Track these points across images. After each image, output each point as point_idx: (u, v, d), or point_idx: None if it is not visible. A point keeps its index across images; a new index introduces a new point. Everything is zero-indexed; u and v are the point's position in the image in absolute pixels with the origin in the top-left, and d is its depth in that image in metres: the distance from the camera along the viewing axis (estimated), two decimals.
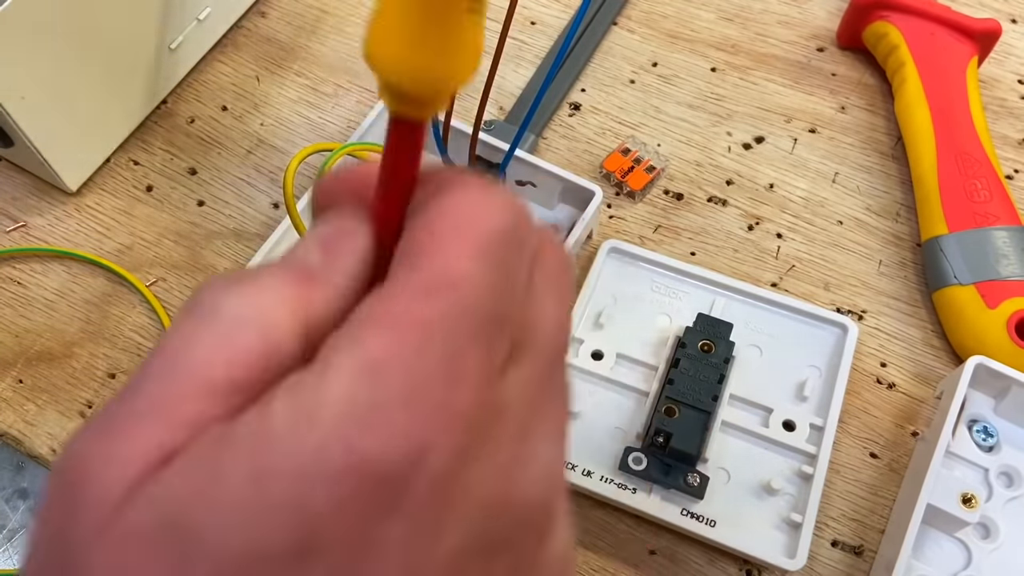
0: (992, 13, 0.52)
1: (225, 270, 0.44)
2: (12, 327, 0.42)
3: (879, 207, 0.45)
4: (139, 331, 0.42)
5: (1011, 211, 0.42)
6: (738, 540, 0.35)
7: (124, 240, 0.45)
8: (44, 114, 0.42)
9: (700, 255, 0.44)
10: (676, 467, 0.36)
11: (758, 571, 0.36)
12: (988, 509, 0.36)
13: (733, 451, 0.37)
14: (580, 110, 0.49)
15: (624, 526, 0.37)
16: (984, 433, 0.37)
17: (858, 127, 0.48)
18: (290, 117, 0.48)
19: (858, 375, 0.41)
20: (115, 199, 0.46)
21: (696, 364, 0.37)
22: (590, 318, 0.41)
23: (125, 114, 0.47)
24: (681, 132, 0.48)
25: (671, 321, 0.41)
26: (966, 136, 0.43)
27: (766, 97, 0.49)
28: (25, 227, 0.45)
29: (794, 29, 0.52)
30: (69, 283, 0.44)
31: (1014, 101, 0.49)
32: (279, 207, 0.45)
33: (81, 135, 0.45)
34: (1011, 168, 0.47)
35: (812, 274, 0.43)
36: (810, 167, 0.47)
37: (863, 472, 0.38)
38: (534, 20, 0.52)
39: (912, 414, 0.40)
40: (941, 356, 0.41)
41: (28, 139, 0.42)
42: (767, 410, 0.38)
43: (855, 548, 0.37)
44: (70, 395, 0.41)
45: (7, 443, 0.40)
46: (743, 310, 0.41)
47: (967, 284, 0.40)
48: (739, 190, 0.46)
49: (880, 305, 0.43)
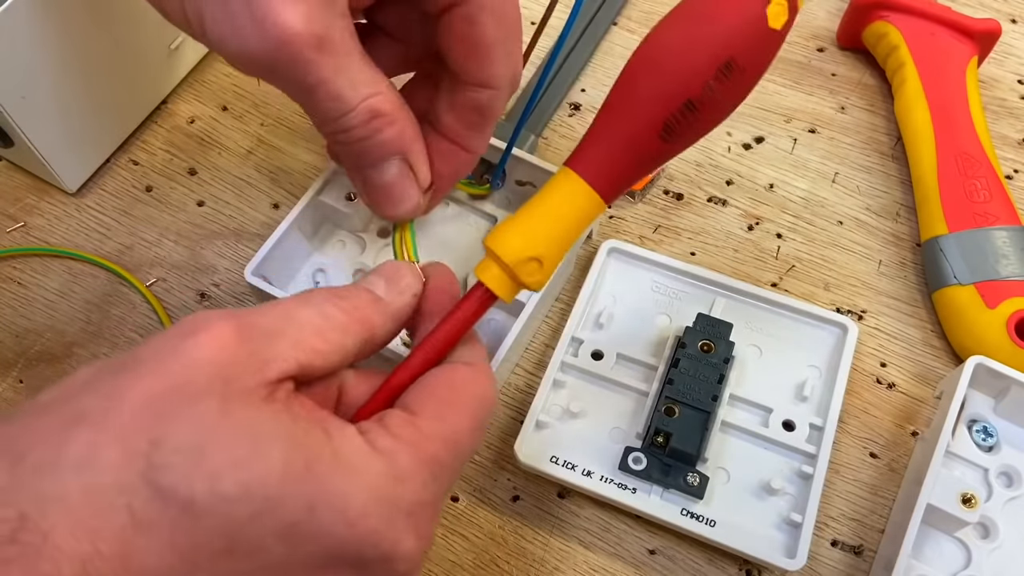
0: (992, 13, 0.52)
1: (225, 270, 0.44)
2: (12, 327, 0.42)
3: (879, 207, 0.45)
4: (139, 331, 0.42)
5: (1011, 211, 0.42)
6: (738, 540, 0.35)
7: (124, 240, 0.45)
8: (44, 114, 0.42)
9: (700, 255, 0.44)
10: (676, 467, 0.36)
11: (758, 571, 0.37)
12: (988, 509, 0.36)
13: (733, 451, 0.37)
14: (580, 110, 0.49)
15: (624, 526, 0.37)
16: (984, 433, 0.37)
17: (858, 127, 0.48)
18: (290, 117, 0.48)
19: (858, 375, 0.41)
20: (115, 199, 0.46)
21: (696, 364, 0.37)
22: (590, 318, 0.41)
23: (125, 114, 0.47)
24: None
25: (671, 321, 0.41)
26: (966, 136, 0.43)
27: (766, 97, 0.49)
28: (25, 227, 0.45)
29: (794, 29, 0.52)
30: (69, 283, 0.44)
31: (1014, 101, 0.49)
32: (279, 207, 0.45)
33: (81, 135, 0.45)
34: (1011, 168, 0.47)
35: (812, 274, 0.43)
36: (810, 167, 0.47)
37: (863, 472, 0.39)
38: (534, 20, 0.52)
39: (912, 414, 0.40)
40: (941, 356, 0.41)
41: (28, 139, 0.42)
42: (767, 410, 0.38)
43: (855, 548, 0.37)
44: None
45: None
46: (743, 310, 0.41)
47: (967, 284, 0.40)
48: (739, 190, 0.46)
49: (880, 305, 0.43)
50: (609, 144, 0.27)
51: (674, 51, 0.27)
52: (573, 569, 0.36)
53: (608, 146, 0.27)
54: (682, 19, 0.27)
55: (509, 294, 0.28)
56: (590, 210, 0.28)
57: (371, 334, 0.26)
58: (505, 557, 0.37)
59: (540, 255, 0.27)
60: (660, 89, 0.26)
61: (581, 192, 0.27)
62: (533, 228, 0.27)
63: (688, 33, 0.27)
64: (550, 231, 0.27)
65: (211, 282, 0.43)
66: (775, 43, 0.27)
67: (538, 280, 0.28)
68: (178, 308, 0.43)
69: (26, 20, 0.38)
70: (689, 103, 0.26)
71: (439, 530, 0.37)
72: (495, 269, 0.27)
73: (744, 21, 0.26)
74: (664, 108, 0.26)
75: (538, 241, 0.27)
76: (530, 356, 0.41)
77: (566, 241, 0.28)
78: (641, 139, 0.27)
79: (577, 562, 0.37)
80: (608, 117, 0.28)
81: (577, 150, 0.28)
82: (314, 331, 0.25)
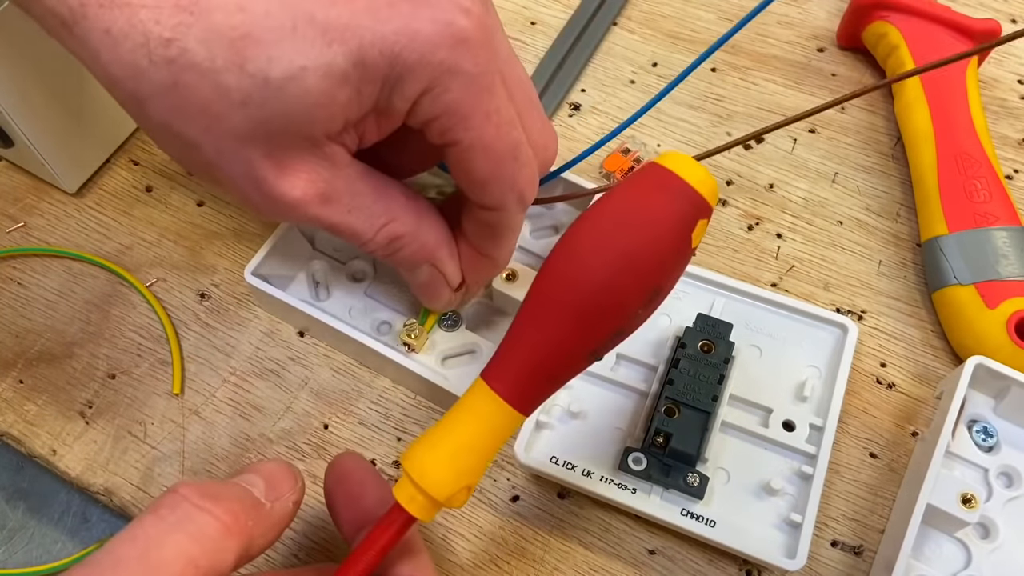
0: (992, 13, 0.52)
1: (225, 270, 0.44)
2: (12, 327, 0.42)
3: (879, 207, 0.45)
4: (139, 331, 0.42)
5: (1011, 211, 0.42)
6: (738, 540, 0.35)
7: (124, 240, 0.45)
8: (44, 114, 0.42)
9: (700, 255, 0.44)
10: (676, 467, 0.36)
11: (758, 571, 0.37)
12: (988, 509, 0.36)
13: (733, 451, 0.37)
14: (580, 110, 0.49)
15: (624, 526, 0.37)
16: (984, 433, 0.37)
17: (858, 127, 0.48)
18: None
19: (858, 375, 0.41)
20: (115, 199, 0.46)
21: (696, 364, 0.37)
22: None
23: (125, 114, 0.47)
24: (681, 132, 0.48)
25: (671, 321, 0.41)
26: (966, 136, 0.43)
27: (766, 97, 0.49)
28: (25, 227, 0.45)
29: (794, 29, 0.52)
30: (69, 283, 0.44)
31: (1014, 101, 0.49)
32: None
33: (81, 135, 0.45)
34: (1011, 168, 0.47)
35: (812, 274, 0.43)
36: (810, 167, 0.47)
37: (863, 472, 0.39)
38: (534, 20, 0.52)
39: (912, 414, 0.40)
40: (941, 356, 0.41)
41: (28, 139, 0.42)
42: (767, 410, 0.38)
43: (855, 548, 0.37)
44: (70, 395, 0.41)
45: (7, 443, 0.40)
46: (743, 310, 0.41)
47: (967, 284, 0.40)
48: (739, 190, 0.46)
49: (880, 305, 0.43)
50: (532, 364, 0.27)
51: (606, 288, 0.26)
52: (573, 569, 0.36)
53: (532, 366, 0.27)
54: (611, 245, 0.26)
55: (431, 515, 0.28)
56: (512, 427, 0.28)
57: (248, 545, 0.25)
58: (505, 557, 0.37)
59: (470, 484, 0.27)
60: (592, 323, 0.26)
61: (505, 413, 0.27)
62: (459, 457, 0.27)
63: (620, 267, 0.26)
64: (478, 458, 0.27)
65: (211, 282, 0.43)
66: (689, 259, 0.28)
67: (465, 500, 0.28)
68: (178, 308, 0.43)
69: (26, 19, 0.38)
70: (619, 331, 0.27)
71: (439, 530, 0.37)
72: (419, 497, 0.27)
73: (674, 250, 0.26)
74: (595, 340, 0.27)
75: (466, 471, 0.27)
76: None
77: (489, 461, 0.28)
78: (568, 364, 0.27)
79: (577, 562, 0.37)
80: (532, 335, 0.27)
81: (497, 365, 0.28)
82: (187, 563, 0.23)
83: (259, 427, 0.40)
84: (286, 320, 0.42)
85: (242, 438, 0.39)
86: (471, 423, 0.27)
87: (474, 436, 0.27)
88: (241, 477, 0.27)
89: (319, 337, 0.42)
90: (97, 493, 0.39)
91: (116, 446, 0.39)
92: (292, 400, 0.40)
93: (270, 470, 0.28)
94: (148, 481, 0.38)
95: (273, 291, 0.39)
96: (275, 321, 0.42)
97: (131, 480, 0.39)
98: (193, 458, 0.39)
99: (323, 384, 0.41)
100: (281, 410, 0.40)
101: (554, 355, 0.27)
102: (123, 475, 0.39)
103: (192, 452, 0.39)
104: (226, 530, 0.24)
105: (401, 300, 0.41)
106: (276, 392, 0.40)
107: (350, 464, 0.32)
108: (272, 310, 0.42)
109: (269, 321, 0.42)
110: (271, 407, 0.40)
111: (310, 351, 0.41)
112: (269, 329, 0.42)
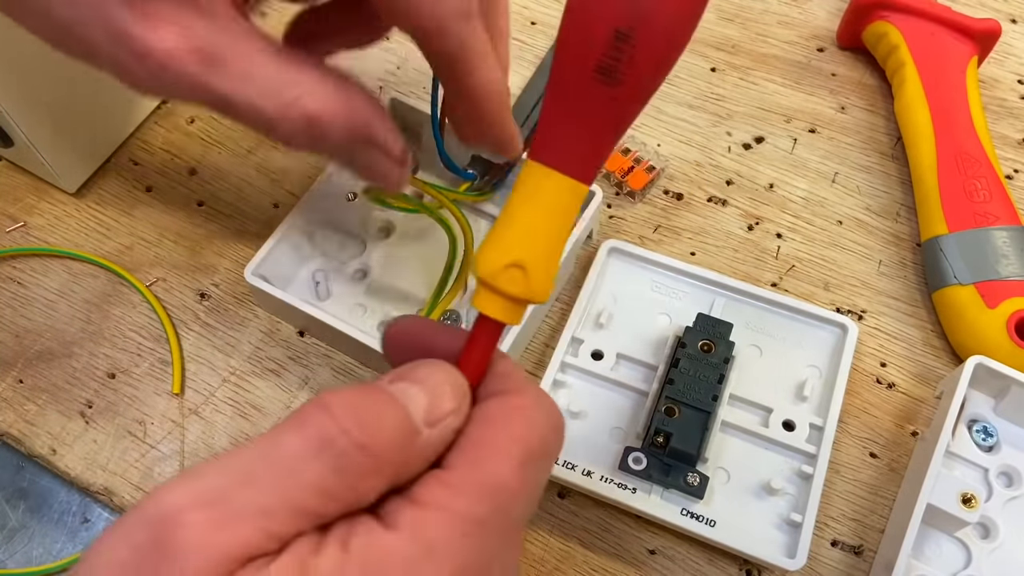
0: (992, 13, 0.52)
1: (225, 270, 0.44)
2: (12, 327, 0.42)
3: (879, 207, 0.45)
4: (139, 331, 0.42)
5: (1011, 211, 0.42)
6: (738, 540, 0.35)
7: (124, 240, 0.45)
8: (44, 114, 0.42)
9: (700, 255, 0.44)
10: (676, 467, 0.36)
11: (758, 571, 0.36)
12: (988, 509, 0.36)
13: (733, 451, 0.37)
14: None
15: (624, 526, 0.37)
16: (984, 433, 0.37)
17: (858, 127, 0.48)
18: None
19: (858, 375, 0.41)
20: (115, 199, 0.46)
21: (696, 364, 0.37)
22: (590, 318, 0.41)
23: (125, 114, 0.47)
24: (681, 132, 0.48)
25: (671, 321, 0.41)
26: (966, 136, 0.43)
27: (766, 97, 0.49)
28: (25, 227, 0.45)
29: (794, 29, 0.52)
30: (69, 283, 0.44)
31: (1014, 101, 0.49)
32: (279, 207, 0.45)
33: (81, 135, 0.45)
34: (1011, 168, 0.47)
35: (812, 274, 0.43)
36: (810, 167, 0.47)
37: (863, 472, 0.39)
38: (534, 20, 0.52)
39: (912, 414, 0.40)
40: (941, 356, 0.41)
41: (28, 139, 0.42)
42: (767, 410, 0.38)
43: (855, 548, 0.37)
44: (70, 395, 0.41)
45: (7, 443, 0.40)
46: (743, 310, 0.41)
47: (967, 284, 0.40)
48: (739, 190, 0.46)
49: (880, 305, 0.43)
50: (559, 116, 0.24)
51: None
52: (573, 569, 0.36)
53: (559, 119, 0.24)
54: None
55: (513, 315, 0.24)
56: (565, 196, 0.24)
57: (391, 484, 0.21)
58: None
59: (518, 259, 0.24)
60: (585, 27, 0.22)
61: (549, 179, 0.24)
62: (505, 233, 0.24)
63: None
64: (526, 230, 0.24)
65: (211, 282, 0.43)
66: None
67: (529, 288, 0.24)
68: (178, 308, 0.43)
69: None
70: (619, 33, 0.22)
71: None
72: (486, 293, 0.24)
73: None
74: (593, 46, 0.22)
75: (512, 244, 0.24)
76: (530, 356, 0.41)
77: (550, 237, 0.24)
78: (581, 92, 0.23)
79: (577, 562, 0.37)
80: (550, 90, 0.24)
81: (533, 139, 0.24)
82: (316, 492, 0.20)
83: (259, 427, 0.40)
84: (286, 320, 0.42)
85: (242, 438, 0.39)
86: (519, 199, 0.24)
87: (523, 209, 0.24)
88: (399, 387, 0.22)
89: (319, 337, 0.42)
90: (97, 493, 0.39)
91: (116, 446, 0.39)
92: (292, 400, 0.40)
93: (436, 381, 0.23)
94: (148, 481, 0.38)
95: (273, 291, 0.39)
96: (275, 321, 0.42)
97: (131, 480, 0.39)
98: (193, 458, 0.39)
99: (323, 384, 0.41)
100: (281, 410, 0.40)
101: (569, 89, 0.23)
102: (123, 475, 0.39)
103: (192, 452, 0.39)
104: (376, 470, 0.21)
105: (401, 300, 0.41)
106: (276, 392, 0.40)
107: (415, 326, 0.27)
108: (272, 310, 0.42)
109: (269, 321, 0.42)
110: (271, 407, 0.40)
111: (310, 351, 0.41)
112: (269, 329, 0.42)
